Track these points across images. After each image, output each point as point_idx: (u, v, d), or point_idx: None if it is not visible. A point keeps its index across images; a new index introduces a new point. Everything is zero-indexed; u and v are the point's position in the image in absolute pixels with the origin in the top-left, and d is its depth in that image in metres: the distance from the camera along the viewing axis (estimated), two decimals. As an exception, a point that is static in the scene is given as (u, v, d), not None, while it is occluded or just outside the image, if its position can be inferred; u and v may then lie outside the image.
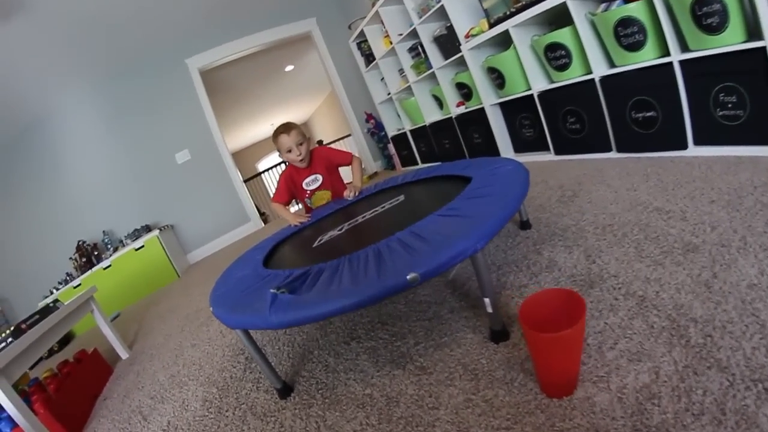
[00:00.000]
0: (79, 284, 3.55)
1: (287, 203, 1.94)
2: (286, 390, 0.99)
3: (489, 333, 0.89)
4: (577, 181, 1.71)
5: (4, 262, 4.10)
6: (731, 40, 1.30)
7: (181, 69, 4.16)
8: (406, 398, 0.82)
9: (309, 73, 6.32)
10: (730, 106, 1.37)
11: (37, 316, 1.56)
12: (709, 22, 1.32)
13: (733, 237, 0.94)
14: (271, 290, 0.76)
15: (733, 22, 1.27)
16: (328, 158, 1.92)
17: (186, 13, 3.73)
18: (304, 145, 1.77)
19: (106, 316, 1.97)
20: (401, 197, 1.34)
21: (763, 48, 1.20)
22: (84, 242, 3.88)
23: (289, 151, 1.75)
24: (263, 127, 9.45)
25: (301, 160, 1.78)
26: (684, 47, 1.48)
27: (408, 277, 0.70)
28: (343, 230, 1.23)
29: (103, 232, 4.02)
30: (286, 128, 1.75)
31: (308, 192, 1.92)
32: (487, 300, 0.85)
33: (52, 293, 3.63)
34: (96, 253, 3.88)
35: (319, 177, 1.88)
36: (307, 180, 1.88)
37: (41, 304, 3.41)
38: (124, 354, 1.99)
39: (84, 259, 3.79)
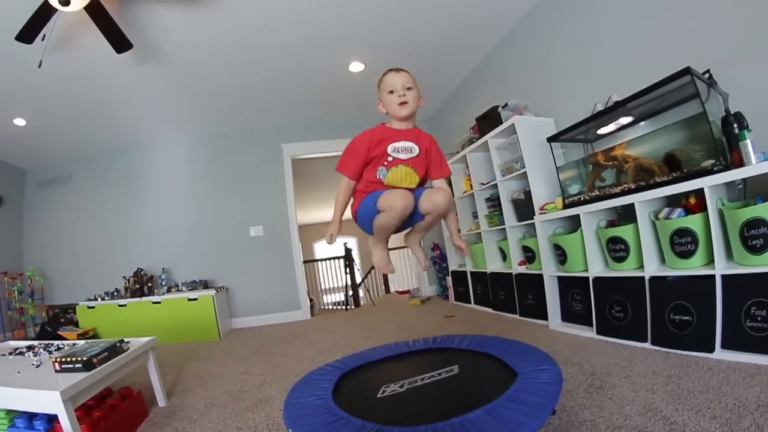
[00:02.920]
0: (125, 305, 3.91)
1: (357, 178, 1.47)
2: None
3: None
4: (608, 370, 1.75)
5: (67, 248, 4.53)
6: (770, 262, 1.46)
7: (275, 151, 4.61)
8: None
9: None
10: (759, 318, 1.53)
11: (106, 353, 1.66)
12: (754, 243, 1.52)
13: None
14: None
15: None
16: (433, 150, 1.52)
17: (289, 103, 4.15)
18: (413, 92, 1.43)
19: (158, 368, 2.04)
20: (455, 369, 1.41)
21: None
22: (142, 270, 4.21)
23: (392, 92, 1.42)
24: (329, 213, 10.13)
25: (402, 107, 1.41)
26: (728, 259, 1.66)
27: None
28: (404, 389, 1.34)
29: (163, 269, 4.29)
30: (396, 69, 1.47)
31: (391, 159, 1.42)
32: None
33: (96, 299, 4.04)
34: (149, 285, 4.17)
35: (416, 148, 1.45)
36: (398, 145, 1.43)
37: (81, 304, 3.93)
38: (162, 402, 2.01)
39: (137, 286, 4.10)
